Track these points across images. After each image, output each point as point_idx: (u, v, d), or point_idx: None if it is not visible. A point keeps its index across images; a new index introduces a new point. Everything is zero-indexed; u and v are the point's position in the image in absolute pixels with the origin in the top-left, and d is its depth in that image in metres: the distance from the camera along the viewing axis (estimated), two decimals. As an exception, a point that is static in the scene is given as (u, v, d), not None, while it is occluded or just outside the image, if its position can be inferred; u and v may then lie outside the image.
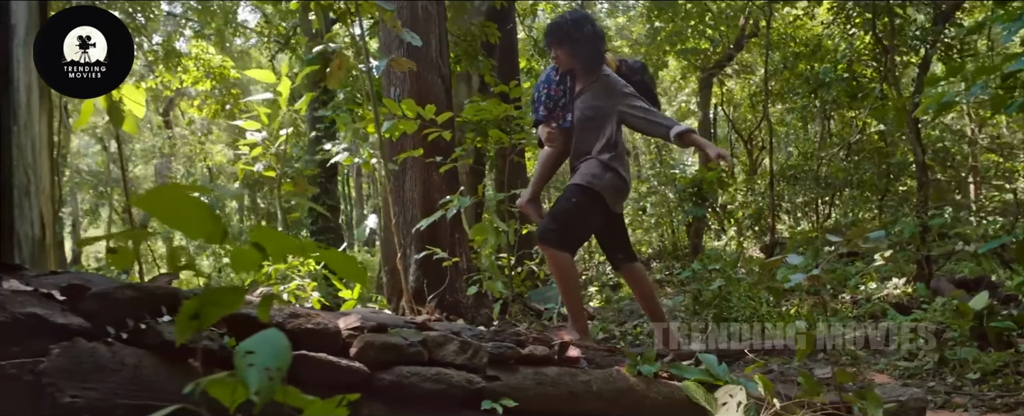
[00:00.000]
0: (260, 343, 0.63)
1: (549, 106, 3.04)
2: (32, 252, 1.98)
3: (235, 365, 0.61)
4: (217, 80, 11.79)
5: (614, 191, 2.88)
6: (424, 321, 2.03)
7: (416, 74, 4.75)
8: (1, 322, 1.28)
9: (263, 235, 0.72)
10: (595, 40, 2.91)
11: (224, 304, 0.73)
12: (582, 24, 2.91)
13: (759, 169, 14.03)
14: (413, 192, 4.97)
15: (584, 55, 2.89)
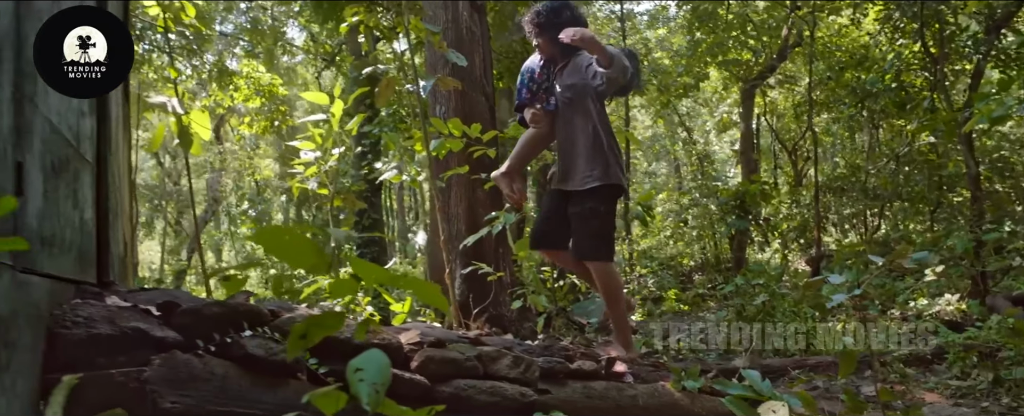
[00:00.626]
0: (367, 362, 0.74)
1: (532, 88, 3.08)
2: (119, 269, 2.16)
3: (347, 380, 0.73)
4: (266, 97, 12.21)
5: (622, 176, 2.94)
6: (477, 336, 2.13)
7: (461, 92, 4.91)
8: (111, 335, 1.43)
9: (360, 266, 0.84)
10: (575, 23, 2.89)
11: (326, 326, 0.85)
12: (560, 12, 2.94)
13: (804, 180, 13.81)
14: (458, 208, 5.12)
15: (561, 40, 2.87)
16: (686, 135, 17.42)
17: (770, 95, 14.52)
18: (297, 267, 0.83)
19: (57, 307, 1.46)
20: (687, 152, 18.37)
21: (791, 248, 11.40)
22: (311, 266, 0.83)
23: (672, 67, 13.49)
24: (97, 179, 1.94)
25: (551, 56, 3.03)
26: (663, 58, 15.62)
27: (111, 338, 1.44)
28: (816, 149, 9.76)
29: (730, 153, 18.68)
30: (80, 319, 1.43)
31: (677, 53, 14.80)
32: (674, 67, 13.31)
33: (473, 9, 5.34)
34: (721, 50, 11.79)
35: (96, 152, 1.96)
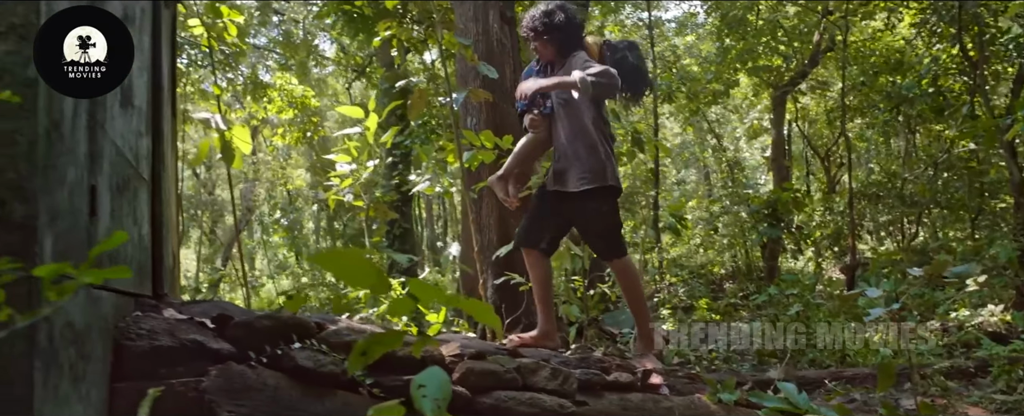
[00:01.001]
0: (429, 378, 0.79)
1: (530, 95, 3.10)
2: (169, 281, 2.26)
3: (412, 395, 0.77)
4: (299, 109, 12.45)
5: (618, 177, 2.92)
6: (514, 347, 2.17)
7: (492, 104, 4.97)
8: (171, 347, 1.51)
9: (417, 287, 0.88)
10: (567, 27, 2.89)
11: (386, 343, 0.89)
12: (553, 14, 2.90)
13: (837, 187, 13.58)
14: (490, 218, 5.17)
15: (556, 43, 2.90)
16: (716, 142, 17.28)
17: (801, 101, 14.34)
18: (358, 288, 0.88)
19: (121, 320, 1.54)
20: (717, 159, 18.21)
21: (824, 256, 11.21)
22: (371, 287, 0.88)
23: (701, 74, 13.41)
24: (151, 196, 2.03)
25: (549, 60, 3.01)
26: (692, 65, 15.54)
27: (171, 350, 1.51)
28: (850, 155, 9.61)
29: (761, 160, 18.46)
30: (143, 331, 1.51)
31: (706, 60, 14.73)
32: (703, 74, 13.23)
33: (503, 21, 5.42)
34: (751, 56, 11.70)
35: (151, 170, 2.05)
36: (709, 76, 12.71)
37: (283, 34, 15.28)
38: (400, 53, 5.14)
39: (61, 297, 0.67)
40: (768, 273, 10.10)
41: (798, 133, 15.49)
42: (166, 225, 2.16)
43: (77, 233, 1.19)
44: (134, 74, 1.78)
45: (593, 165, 2.77)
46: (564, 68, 2.90)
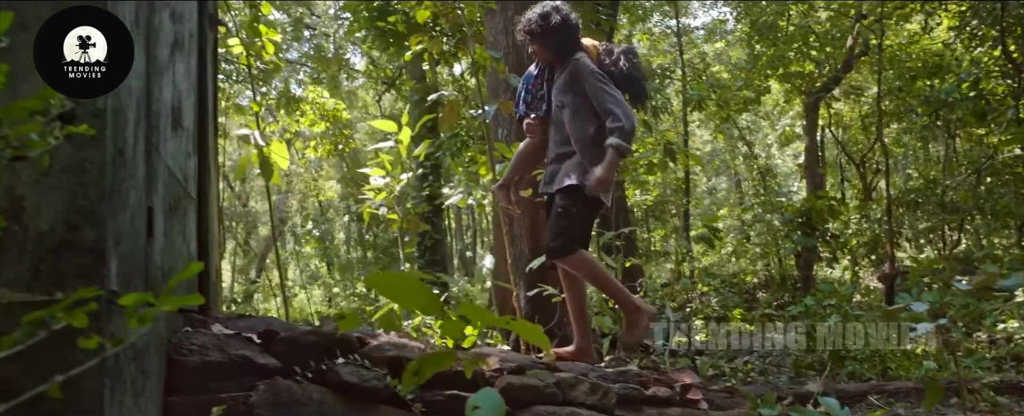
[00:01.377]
0: (483, 399, 0.80)
1: (527, 99, 3.00)
2: (213, 295, 2.31)
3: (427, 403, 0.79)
4: (330, 122, 12.65)
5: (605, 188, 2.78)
6: (551, 361, 2.18)
7: (523, 116, 4.99)
8: (221, 362, 1.55)
9: (468, 309, 0.90)
10: (563, 28, 2.80)
11: (439, 363, 0.91)
12: (549, 16, 2.82)
13: (873, 194, 13.30)
14: (521, 230, 5.18)
15: (554, 45, 2.82)
16: (747, 149, 17.07)
17: (835, 106, 14.11)
18: (410, 309, 0.90)
19: (173, 335, 1.59)
20: (748, 167, 17.98)
21: (861, 265, 10.97)
22: (424, 308, 0.90)
23: (731, 81, 13.29)
24: (198, 213, 2.09)
25: (548, 62, 2.94)
26: (721, 72, 15.41)
27: (221, 365, 1.56)
28: (887, 161, 9.41)
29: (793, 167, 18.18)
30: (195, 347, 1.55)
31: (736, 66, 14.59)
32: (733, 81, 13.11)
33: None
34: (782, 62, 11.56)
35: (198, 188, 2.11)
36: (739, 83, 12.58)
37: (314, 48, 15.59)
38: (431, 66, 5.19)
39: (144, 324, 0.70)
40: (803, 282, 9.92)
41: (831, 139, 15.23)
42: (210, 241, 2.22)
43: (137, 254, 1.23)
44: (183, 96, 1.84)
45: (580, 167, 2.71)
46: (568, 75, 2.81)
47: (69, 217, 1.02)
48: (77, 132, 0.79)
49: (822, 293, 5.46)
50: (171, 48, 1.64)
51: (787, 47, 11.16)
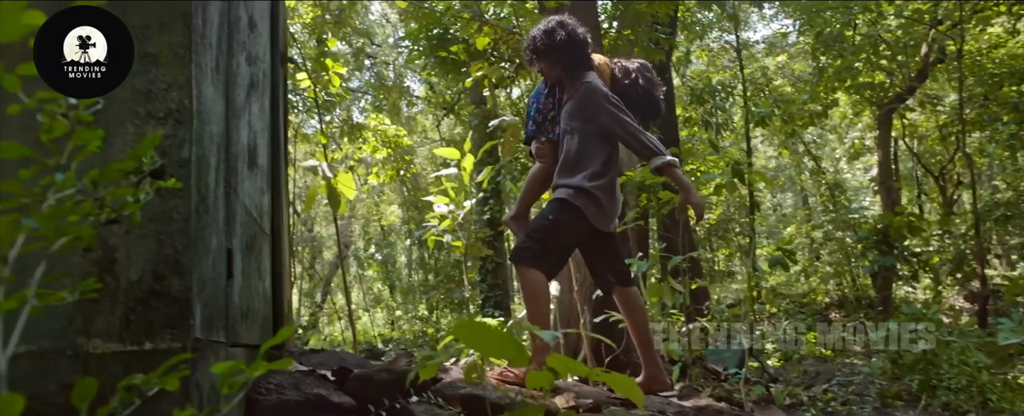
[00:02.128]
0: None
1: (538, 120, 2.86)
2: (285, 326, 2.34)
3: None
4: (392, 148, 12.91)
5: (596, 210, 2.61)
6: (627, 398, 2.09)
7: (585, 140, 4.94)
8: (297, 400, 1.55)
9: (556, 361, 0.85)
10: (570, 45, 2.65)
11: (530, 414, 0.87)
12: (554, 33, 2.68)
13: (955, 208, 12.56)
14: (585, 254, 5.11)
15: (562, 63, 2.68)
16: (814, 164, 16.47)
17: (909, 117, 13.46)
18: (495, 358, 0.87)
19: (251, 374, 1.60)
20: (815, 182, 17.34)
21: (945, 284, 10.33)
22: (511, 359, 0.86)
23: (795, 94, 12.89)
24: (272, 248, 2.12)
25: (556, 80, 2.79)
26: (784, 85, 14.97)
27: (297, 403, 1.55)
28: (972, 173, 8.86)
29: (864, 181, 17.41)
30: (272, 386, 1.56)
31: (800, 80, 14.14)
32: (797, 94, 12.71)
33: (592, 56, 5.41)
34: (850, 74, 11.13)
35: (271, 224, 2.15)
36: (804, 96, 12.18)
37: (376, 76, 16.02)
38: (490, 91, 5.23)
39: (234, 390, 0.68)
40: (882, 303, 9.39)
41: (906, 151, 14.51)
42: (282, 274, 2.25)
43: (218, 297, 1.25)
44: (258, 135, 1.88)
45: (574, 183, 2.58)
46: (579, 99, 2.65)
47: (157, 267, 1.03)
48: (167, 187, 0.79)
49: (906, 316, 5.13)
50: (247, 90, 1.67)
51: (855, 58, 10.74)
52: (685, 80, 13.12)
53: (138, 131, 1.03)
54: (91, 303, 1.00)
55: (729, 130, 14.28)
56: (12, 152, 0.53)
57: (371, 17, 17.04)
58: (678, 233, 7.01)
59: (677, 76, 12.76)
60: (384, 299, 19.19)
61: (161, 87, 1.06)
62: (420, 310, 15.73)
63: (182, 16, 1.08)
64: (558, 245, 2.65)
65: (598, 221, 2.61)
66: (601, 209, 2.60)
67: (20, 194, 0.55)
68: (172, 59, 1.07)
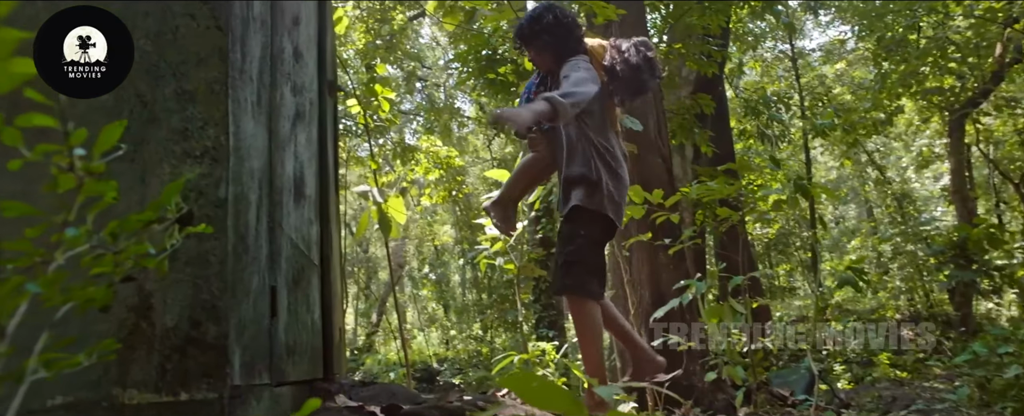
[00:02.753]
0: None
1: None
2: (337, 357, 2.30)
3: None
4: (444, 169, 13.02)
5: (614, 207, 2.40)
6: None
7: (637, 156, 4.83)
8: (345, 442, 1.50)
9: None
10: (556, 28, 2.51)
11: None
12: (541, 17, 2.54)
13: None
14: (641, 274, 4.96)
15: (550, 48, 2.53)
16: (878, 174, 15.78)
17: (983, 122, 12.74)
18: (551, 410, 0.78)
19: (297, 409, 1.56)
20: (880, 193, 16.60)
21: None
22: (565, 412, 0.78)
23: (856, 102, 12.39)
24: (321, 279, 2.09)
25: (548, 69, 2.62)
26: (843, 93, 14.43)
27: (346, 443, 1.50)
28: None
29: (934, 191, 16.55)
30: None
31: (860, 87, 13.60)
32: (858, 102, 12.21)
33: (643, 72, 5.30)
34: (915, 79, 10.62)
35: (320, 253, 2.12)
36: (866, 104, 11.68)
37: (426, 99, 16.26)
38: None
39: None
40: (962, 321, 8.82)
41: (980, 158, 13.72)
42: (334, 304, 2.22)
43: (260, 338, 1.21)
44: (305, 165, 1.86)
45: (583, 185, 2.38)
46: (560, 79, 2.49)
47: (193, 312, 1.00)
48: (197, 231, 0.74)
49: (993, 337, 4.76)
50: (293, 120, 1.65)
51: (920, 62, 10.24)
52: (739, 92, 12.80)
53: (174, 171, 1.00)
54: (127, 351, 0.97)
55: (786, 142, 13.83)
56: (14, 211, 0.49)
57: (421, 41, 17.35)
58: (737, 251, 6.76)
59: (730, 88, 12.45)
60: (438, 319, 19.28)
61: (198, 124, 1.03)
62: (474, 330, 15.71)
63: (218, 51, 1.05)
64: (596, 256, 2.43)
65: (619, 219, 2.43)
66: (613, 201, 2.39)
67: (30, 253, 0.51)
68: (208, 95, 1.04)
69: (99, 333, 0.97)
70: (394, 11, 12.16)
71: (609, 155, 2.41)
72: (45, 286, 0.47)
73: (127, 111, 1.01)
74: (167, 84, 1.04)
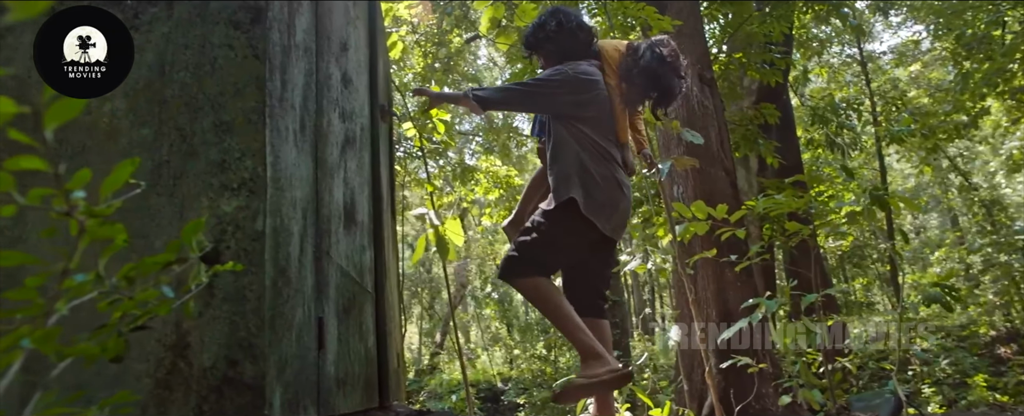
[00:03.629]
0: None
1: (542, 120, 2.59)
2: (393, 382, 2.26)
3: None
4: (504, 188, 13.06)
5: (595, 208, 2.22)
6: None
7: (699, 170, 4.68)
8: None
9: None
10: (560, 35, 2.45)
11: None
12: (545, 24, 2.49)
13: None
14: (707, 292, 4.78)
15: (555, 54, 2.46)
16: (962, 181, 14.86)
17: (1081, 121, 11.80)
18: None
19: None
20: (966, 201, 15.61)
21: None
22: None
23: (934, 106, 11.72)
24: (376, 304, 2.06)
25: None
26: (919, 96, 13.69)
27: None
28: None
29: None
30: (371, 459, 1.46)
31: (938, 89, 12.88)
32: (937, 106, 11.55)
33: (703, 83, 5.15)
34: (1002, 77, 9.94)
35: (374, 280, 2.10)
36: (946, 107, 11.03)
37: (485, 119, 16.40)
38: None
39: None
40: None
41: (1080, 160, 12.69)
42: (390, 330, 2.19)
43: (306, 372, 1.17)
44: (356, 191, 1.85)
45: (562, 184, 2.26)
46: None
47: (230, 351, 0.97)
48: (225, 270, 0.70)
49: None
50: (342, 147, 1.64)
51: (1008, 59, 9.60)
52: (804, 100, 12.33)
53: (212, 204, 0.98)
54: (165, 392, 0.94)
55: (857, 150, 13.21)
56: (11, 260, 0.46)
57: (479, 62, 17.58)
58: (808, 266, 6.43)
59: (795, 97, 12.01)
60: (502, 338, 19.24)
61: (235, 156, 1.01)
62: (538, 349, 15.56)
63: (256, 80, 1.04)
64: (550, 251, 2.25)
65: (596, 215, 2.23)
66: (590, 196, 2.23)
67: (35, 303, 0.48)
68: (246, 125, 1.03)
69: (137, 372, 0.95)
70: (450, 34, 12.35)
71: (600, 158, 2.30)
72: (38, 342, 0.43)
73: (166, 146, 1.01)
74: (206, 116, 1.03)
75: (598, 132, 2.33)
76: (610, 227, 2.25)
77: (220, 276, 0.97)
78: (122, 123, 1.01)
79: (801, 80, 12.66)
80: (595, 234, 2.23)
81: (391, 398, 2.08)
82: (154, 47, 1.06)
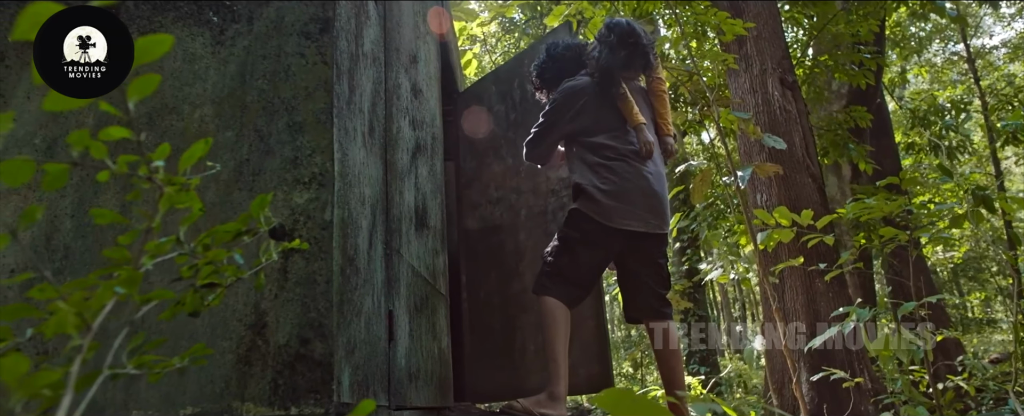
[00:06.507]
0: None
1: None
2: (469, 386, 2.30)
3: None
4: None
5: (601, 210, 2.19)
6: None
7: (783, 177, 4.52)
8: (466, 469, 1.48)
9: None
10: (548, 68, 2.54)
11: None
12: (542, 65, 2.57)
13: None
14: (795, 303, 4.57)
15: (554, 80, 2.52)
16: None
17: None
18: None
19: (423, 436, 1.58)
20: None
21: None
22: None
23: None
24: (449, 308, 2.13)
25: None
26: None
27: (468, 471, 1.49)
28: None
29: None
30: (442, 451, 1.51)
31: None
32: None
33: (784, 87, 4.99)
34: None
35: (447, 285, 2.17)
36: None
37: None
38: (677, 138, 5.03)
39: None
40: None
41: None
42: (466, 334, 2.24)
43: (376, 360, 1.24)
44: (428, 196, 1.93)
45: (573, 190, 2.31)
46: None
47: (302, 331, 1.05)
48: (297, 255, 0.77)
49: None
50: (412, 153, 1.72)
51: None
52: (903, 103, 11.63)
53: (286, 196, 1.07)
54: (246, 366, 1.03)
55: (967, 153, 12.27)
56: (105, 219, 0.54)
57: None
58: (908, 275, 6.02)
59: (892, 99, 11.36)
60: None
61: (306, 153, 1.10)
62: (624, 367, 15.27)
63: (324, 83, 1.13)
64: (577, 262, 2.26)
65: (606, 216, 2.22)
66: (599, 204, 2.23)
67: (125, 260, 0.56)
68: (315, 125, 1.12)
69: (222, 349, 1.05)
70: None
71: (606, 158, 2.31)
72: (124, 284, 0.51)
73: (247, 145, 1.12)
74: (280, 118, 1.13)
75: (601, 131, 2.36)
76: (632, 222, 2.24)
77: (293, 261, 1.05)
78: (209, 127, 1.12)
79: (898, 81, 11.96)
80: (619, 236, 2.23)
81: (465, 399, 2.13)
82: (237, 59, 1.18)
